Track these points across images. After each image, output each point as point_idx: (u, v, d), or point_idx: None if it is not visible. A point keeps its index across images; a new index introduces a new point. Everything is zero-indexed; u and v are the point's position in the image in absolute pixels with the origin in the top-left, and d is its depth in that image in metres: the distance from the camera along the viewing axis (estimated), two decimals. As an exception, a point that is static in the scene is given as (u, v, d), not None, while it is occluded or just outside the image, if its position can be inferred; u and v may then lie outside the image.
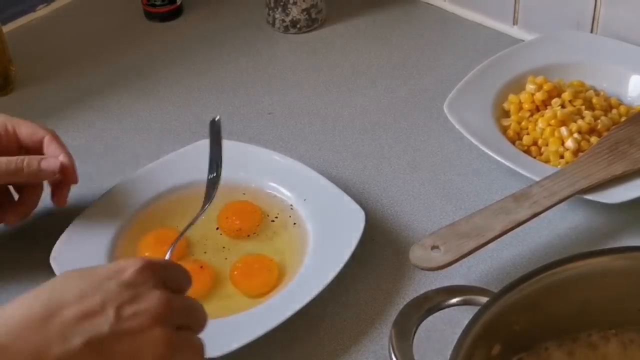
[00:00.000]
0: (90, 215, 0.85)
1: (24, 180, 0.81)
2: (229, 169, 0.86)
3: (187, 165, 0.90)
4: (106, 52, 1.14)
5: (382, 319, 0.78)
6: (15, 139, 0.82)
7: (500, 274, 0.81)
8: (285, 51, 1.13)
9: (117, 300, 0.56)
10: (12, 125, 0.82)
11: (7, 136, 0.81)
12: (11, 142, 0.82)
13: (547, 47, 1.02)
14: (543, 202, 0.81)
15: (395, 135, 0.98)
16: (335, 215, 0.84)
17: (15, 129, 0.82)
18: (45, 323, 0.54)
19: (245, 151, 0.91)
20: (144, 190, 0.88)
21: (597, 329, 0.68)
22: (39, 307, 0.55)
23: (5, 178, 0.79)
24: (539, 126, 0.92)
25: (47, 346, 0.53)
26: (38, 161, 0.80)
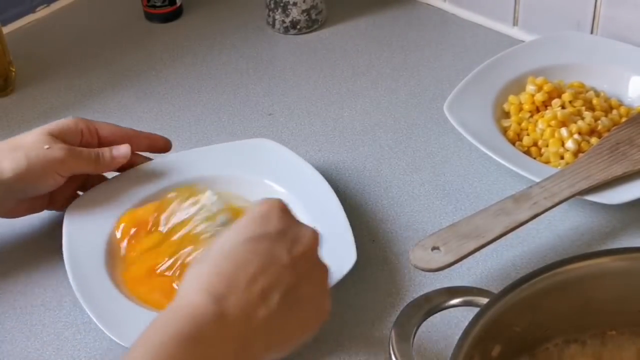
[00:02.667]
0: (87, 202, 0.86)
1: (101, 169, 0.86)
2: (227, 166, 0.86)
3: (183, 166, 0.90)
4: (106, 53, 1.14)
5: (382, 320, 0.78)
6: (97, 136, 0.87)
7: (500, 274, 0.81)
8: (286, 52, 1.13)
9: (284, 247, 0.62)
10: (93, 126, 0.87)
11: (89, 132, 0.86)
12: (92, 139, 0.86)
13: (547, 48, 1.02)
14: (543, 203, 0.81)
15: (395, 136, 0.98)
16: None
17: (95, 127, 0.87)
18: (243, 291, 0.59)
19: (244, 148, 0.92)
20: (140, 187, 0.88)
21: (597, 330, 0.69)
22: (228, 279, 0.60)
23: (85, 166, 0.84)
24: (539, 127, 0.92)
25: (254, 310, 0.59)
26: (110, 149, 0.85)
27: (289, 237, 0.63)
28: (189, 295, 0.59)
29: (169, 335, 0.56)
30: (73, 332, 0.79)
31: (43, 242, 0.87)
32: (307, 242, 0.64)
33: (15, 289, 0.83)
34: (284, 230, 0.63)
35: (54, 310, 0.81)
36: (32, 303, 0.82)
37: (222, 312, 0.58)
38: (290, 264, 0.62)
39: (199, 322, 0.57)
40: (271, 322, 0.60)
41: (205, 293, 0.59)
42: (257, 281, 0.60)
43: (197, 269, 0.61)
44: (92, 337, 0.79)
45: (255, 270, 0.60)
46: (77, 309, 0.80)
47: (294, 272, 0.62)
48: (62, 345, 0.78)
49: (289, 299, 0.61)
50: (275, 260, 0.61)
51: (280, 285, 0.61)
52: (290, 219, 0.65)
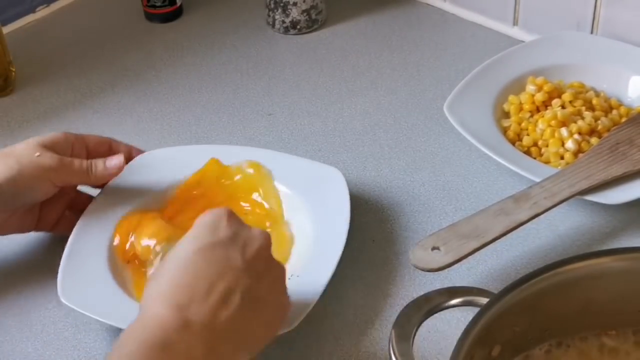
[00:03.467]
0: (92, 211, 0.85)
1: (93, 181, 0.85)
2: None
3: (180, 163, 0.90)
4: (106, 53, 1.14)
5: (382, 320, 0.78)
6: (85, 149, 0.86)
7: (500, 274, 0.81)
8: (285, 52, 1.13)
9: (237, 251, 0.64)
10: (81, 138, 0.87)
11: (79, 145, 0.86)
12: (82, 151, 0.86)
13: (547, 48, 1.02)
14: (543, 203, 0.81)
15: (395, 136, 0.98)
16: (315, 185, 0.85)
17: (84, 139, 0.87)
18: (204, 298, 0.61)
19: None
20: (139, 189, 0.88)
21: (597, 330, 0.69)
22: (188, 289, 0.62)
23: (77, 176, 0.84)
24: (539, 127, 0.92)
25: (216, 314, 0.61)
26: (103, 161, 0.85)
27: (240, 241, 0.65)
28: (153, 308, 0.61)
29: (139, 345, 0.58)
30: (73, 332, 0.79)
31: (44, 241, 0.87)
32: (258, 244, 0.66)
33: (15, 289, 0.83)
34: (234, 235, 0.65)
35: (54, 310, 0.81)
36: (32, 303, 0.82)
37: (186, 321, 0.60)
38: (245, 266, 0.64)
39: (165, 332, 0.59)
40: (235, 324, 0.62)
41: (167, 304, 0.61)
42: (216, 286, 0.62)
43: (156, 283, 0.63)
44: (92, 337, 0.79)
45: (213, 276, 0.63)
46: (77, 309, 0.80)
47: (250, 273, 0.64)
48: (62, 345, 0.78)
49: (248, 299, 0.63)
50: (231, 265, 0.64)
51: (239, 287, 0.63)
52: (238, 224, 0.67)
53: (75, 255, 0.81)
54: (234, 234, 0.66)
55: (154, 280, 0.64)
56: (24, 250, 0.87)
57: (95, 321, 0.79)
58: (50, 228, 0.86)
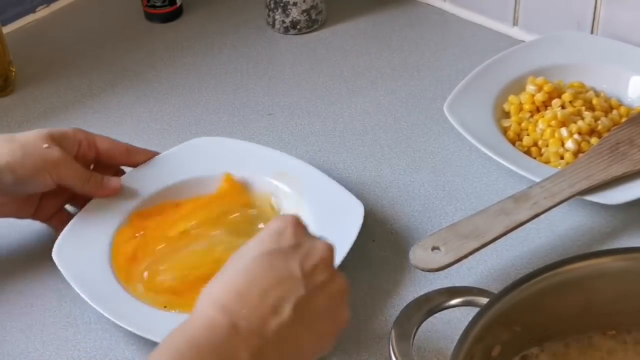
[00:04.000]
0: (91, 210, 0.85)
1: (88, 190, 0.85)
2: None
3: (183, 162, 0.90)
4: (106, 53, 1.14)
5: (382, 320, 0.78)
6: (95, 150, 0.86)
7: (500, 274, 0.81)
8: (285, 52, 1.13)
9: (297, 261, 0.63)
10: (92, 138, 0.86)
11: (87, 144, 0.86)
12: (90, 151, 0.86)
13: (547, 48, 1.02)
14: (543, 203, 0.81)
15: (395, 136, 0.98)
16: (333, 210, 0.84)
17: (94, 140, 0.86)
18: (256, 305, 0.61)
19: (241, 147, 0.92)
20: (143, 187, 0.88)
21: (597, 330, 0.69)
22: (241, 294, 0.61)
23: (75, 180, 0.83)
24: (539, 127, 0.92)
25: (266, 322, 0.60)
26: (102, 178, 0.85)
27: (302, 251, 0.64)
28: (204, 310, 0.61)
29: (187, 344, 0.58)
30: (73, 332, 0.79)
31: (44, 241, 0.87)
32: (320, 256, 0.65)
33: (15, 288, 0.83)
34: (297, 245, 0.64)
35: (54, 310, 0.81)
36: (32, 303, 0.82)
37: (235, 324, 0.59)
38: (303, 278, 0.63)
39: (213, 332, 0.59)
40: (284, 333, 0.61)
41: (218, 307, 0.60)
42: (269, 294, 0.61)
43: (212, 286, 0.63)
44: (92, 337, 0.79)
45: (268, 284, 0.62)
46: (77, 309, 0.80)
47: (307, 285, 0.63)
48: (62, 345, 0.78)
49: (301, 310, 0.62)
50: (288, 274, 0.63)
51: (292, 297, 0.62)
52: (303, 234, 0.66)
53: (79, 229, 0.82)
54: (297, 244, 0.65)
55: (212, 283, 0.63)
56: (23, 250, 0.87)
57: (96, 321, 0.79)
58: (47, 219, 0.86)
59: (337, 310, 0.65)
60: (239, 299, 0.61)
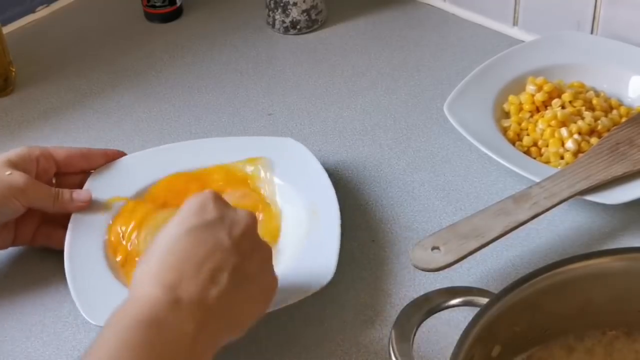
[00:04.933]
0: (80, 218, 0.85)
1: (59, 208, 0.84)
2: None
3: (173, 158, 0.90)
4: (106, 53, 1.14)
5: (382, 320, 0.78)
6: (54, 163, 0.86)
7: (500, 275, 0.81)
8: (285, 52, 1.13)
9: (224, 232, 0.66)
10: (47, 152, 0.86)
11: (45, 160, 0.85)
12: (50, 165, 0.85)
13: (547, 48, 1.02)
14: (543, 203, 0.81)
15: (395, 136, 0.98)
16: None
17: (50, 153, 0.86)
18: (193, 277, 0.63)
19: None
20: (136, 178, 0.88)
21: (597, 330, 0.69)
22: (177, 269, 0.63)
23: (43, 201, 0.83)
24: (539, 127, 0.92)
25: (206, 292, 0.63)
26: (70, 192, 0.84)
27: (227, 222, 0.67)
28: (143, 288, 0.62)
29: (131, 322, 0.60)
30: (73, 332, 0.79)
31: (43, 242, 0.87)
32: (245, 224, 0.68)
33: (15, 289, 0.83)
34: (221, 217, 0.67)
35: (54, 310, 0.81)
36: (32, 303, 0.82)
37: (176, 299, 0.61)
38: (233, 246, 0.66)
39: (156, 309, 0.61)
40: (224, 302, 0.63)
41: (157, 284, 0.62)
42: (205, 266, 0.64)
43: (145, 265, 0.64)
44: (92, 337, 0.78)
45: (201, 257, 0.64)
46: (77, 309, 0.80)
47: (238, 253, 0.66)
48: (62, 345, 0.78)
49: (237, 278, 0.65)
50: (218, 245, 0.65)
51: (227, 266, 0.65)
52: (225, 206, 0.69)
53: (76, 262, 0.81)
54: (221, 216, 0.67)
55: (143, 263, 0.65)
56: (22, 249, 0.87)
57: (95, 321, 0.79)
58: (29, 242, 0.85)
59: (267, 275, 0.69)
60: (176, 274, 0.63)
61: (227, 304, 0.64)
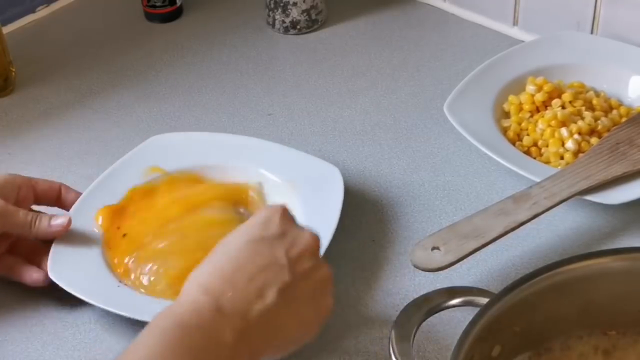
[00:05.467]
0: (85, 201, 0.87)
1: (34, 236, 0.83)
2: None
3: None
4: (106, 53, 1.14)
5: (382, 320, 0.78)
6: (33, 193, 0.85)
7: (500, 275, 0.81)
8: (285, 52, 1.13)
9: (282, 248, 0.65)
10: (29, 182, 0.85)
11: (26, 188, 0.84)
12: (29, 194, 0.85)
13: (547, 48, 1.02)
14: (543, 203, 0.81)
15: (395, 136, 0.98)
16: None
17: (31, 183, 0.85)
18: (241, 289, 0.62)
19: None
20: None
21: (597, 330, 0.69)
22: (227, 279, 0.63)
23: (18, 228, 0.82)
24: (539, 127, 0.92)
25: (250, 306, 0.62)
26: (48, 218, 0.83)
27: (288, 239, 0.66)
28: (190, 293, 0.63)
29: (173, 324, 0.60)
30: (73, 332, 0.79)
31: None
32: (305, 244, 0.66)
33: (15, 289, 0.83)
34: (283, 234, 0.66)
35: (54, 311, 0.81)
36: (32, 303, 0.82)
37: (220, 306, 0.61)
38: (288, 264, 0.65)
39: (198, 314, 0.61)
40: (267, 317, 0.63)
41: (203, 290, 0.62)
42: (255, 279, 0.63)
43: (199, 270, 0.64)
44: (92, 337, 0.79)
45: (254, 269, 0.64)
46: (77, 309, 0.80)
47: (292, 272, 0.65)
48: (62, 345, 0.78)
49: (286, 296, 0.64)
50: (274, 261, 0.64)
51: (277, 284, 0.63)
52: (290, 223, 0.68)
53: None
54: (283, 232, 0.66)
55: (199, 268, 0.65)
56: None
57: (96, 321, 0.79)
58: None
59: (321, 298, 0.67)
60: (225, 283, 0.63)
61: (271, 320, 0.63)
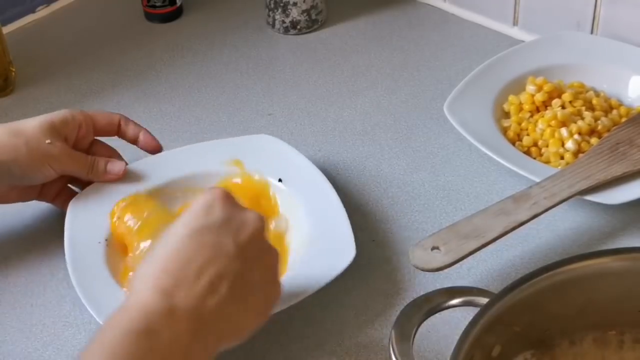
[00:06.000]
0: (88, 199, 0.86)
1: (93, 178, 0.86)
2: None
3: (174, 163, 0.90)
4: (106, 53, 1.14)
5: (382, 320, 0.78)
6: (93, 129, 0.88)
7: (500, 275, 0.81)
8: (285, 52, 1.13)
9: (229, 235, 0.63)
10: (90, 118, 0.87)
11: (87, 125, 0.87)
12: (89, 131, 0.87)
13: (547, 48, 1.02)
14: (543, 203, 0.81)
15: (395, 136, 0.98)
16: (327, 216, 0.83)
17: (92, 119, 0.87)
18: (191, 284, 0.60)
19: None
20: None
21: (597, 330, 0.69)
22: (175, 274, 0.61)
23: (78, 171, 0.85)
24: (539, 127, 0.92)
25: (203, 301, 0.60)
26: (105, 162, 0.86)
27: (234, 224, 0.64)
28: (138, 295, 0.60)
29: (123, 331, 0.57)
30: (73, 332, 0.79)
31: (43, 242, 0.87)
32: (252, 228, 0.65)
33: (15, 289, 0.83)
34: (228, 219, 0.64)
35: (54, 310, 0.81)
36: (32, 303, 0.82)
37: (172, 307, 0.59)
38: (237, 252, 0.63)
39: (149, 318, 0.58)
40: (222, 311, 0.61)
41: (153, 290, 0.60)
42: (205, 273, 0.61)
43: (145, 268, 0.62)
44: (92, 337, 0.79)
45: (202, 262, 0.62)
46: (77, 309, 0.80)
47: (241, 260, 0.63)
48: (62, 345, 0.78)
49: (238, 287, 0.62)
50: (222, 251, 0.63)
51: (228, 274, 0.62)
52: (234, 206, 0.66)
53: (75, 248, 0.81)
54: (228, 217, 0.64)
55: (142, 266, 0.63)
56: (22, 250, 0.87)
57: (95, 321, 0.79)
58: (51, 200, 0.88)
59: (271, 284, 0.66)
60: (174, 280, 0.60)
61: (225, 313, 0.61)
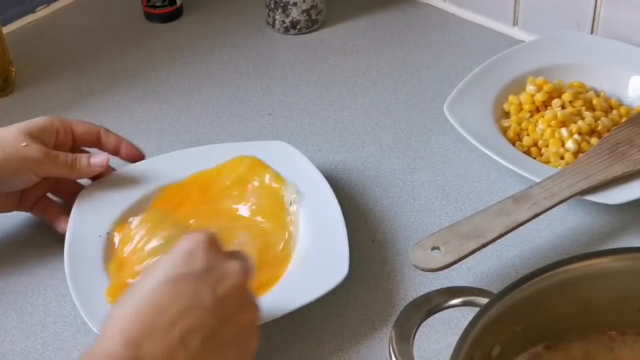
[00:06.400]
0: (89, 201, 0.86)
1: (75, 176, 0.86)
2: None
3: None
4: (106, 53, 1.14)
5: (382, 320, 0.78)
6: (71, 136, 0.87)
7: (500, 275, 0.81)
8: (285, 52, 1.13)
9: (207, 287, 0.60)
10: (68, 125, 0.86)
11: (64, 131, 0.86)
12: (67, 137, 0.86)
13: (547, 48, 1.02)
14: (543, 203, 0.81)
15: (395, 136, 0.98)
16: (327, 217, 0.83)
17: (70, 126, 0.87)
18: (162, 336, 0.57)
19: None
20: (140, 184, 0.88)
21: (597, 330, 0.69)
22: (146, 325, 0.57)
23: (60, 170, 0.84)
24: (539, 127, 0.92)
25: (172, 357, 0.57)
26: (87, 157, 0.85)
27: (214, 275, 0.61)
28: (105, 342, 0.58)
29: None
30: (73, 332, 0.79)
31: (43, 242, 0.87)
32: (233, 280, 0.62)
33: (15, 289, 0.83)
34: (209, 268, 0.61)
35: (54, 310, 0.81)
36: (32, 303, 0.82)
37: (137, 359, 0.56)
38: (214, 305, 0.60)
39: None
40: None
41: (120, 339, 0.57)
42: (177, 325, 0.58)
43: (117, 312, 0.59)
44: (92, 337, 0.78)
45: (176, 313, 0.58)
46: (77, 309, 0.80)
47: (217, 314, 0.60)
48: (62, 345, 0.78)
49: (210, 343, 0.59)
50: (198, 303, 0.59)
51: (202, 329, 0.59)
52: (216, 254, 0.62)
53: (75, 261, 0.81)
54: (209, 267, 0.61)
55: (114, 309, 0.60)
56: (22, 250, 0.87)
57: (95, 321, 0.79)
58: (31, 209, 0.87)
59: (247, 340, 0.63)
60: (144, 331, 0.57)
61: None
